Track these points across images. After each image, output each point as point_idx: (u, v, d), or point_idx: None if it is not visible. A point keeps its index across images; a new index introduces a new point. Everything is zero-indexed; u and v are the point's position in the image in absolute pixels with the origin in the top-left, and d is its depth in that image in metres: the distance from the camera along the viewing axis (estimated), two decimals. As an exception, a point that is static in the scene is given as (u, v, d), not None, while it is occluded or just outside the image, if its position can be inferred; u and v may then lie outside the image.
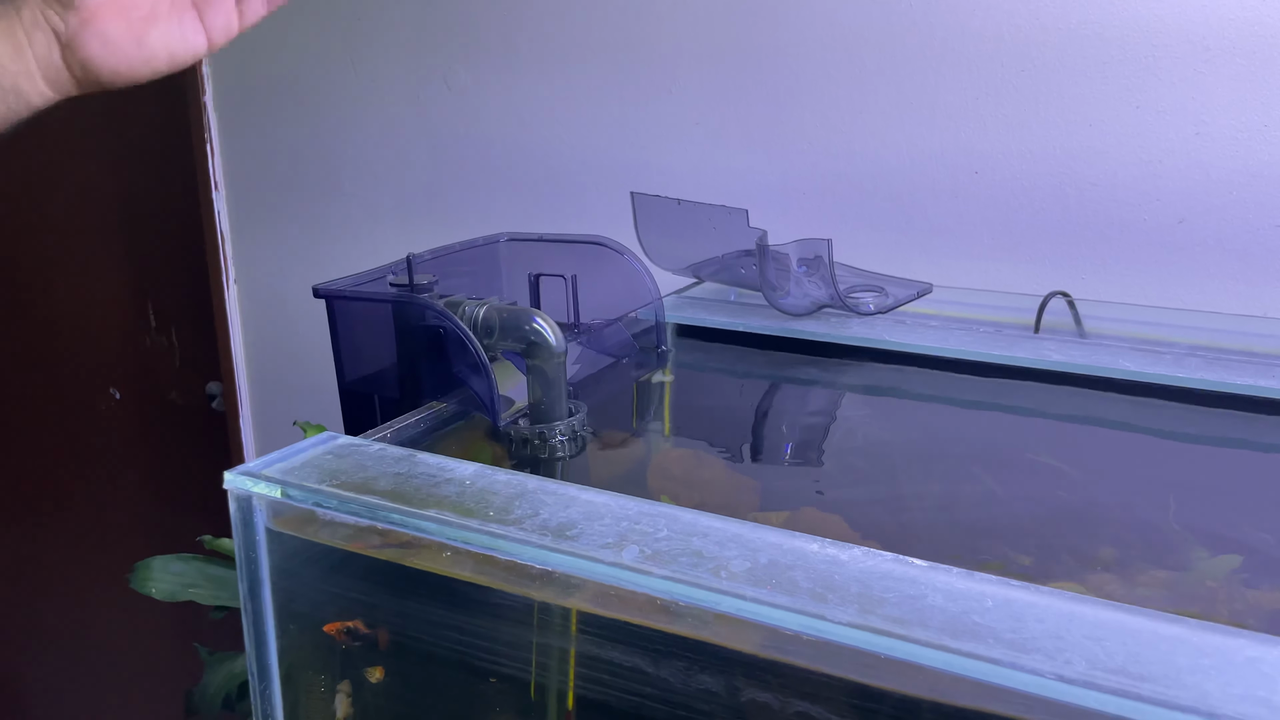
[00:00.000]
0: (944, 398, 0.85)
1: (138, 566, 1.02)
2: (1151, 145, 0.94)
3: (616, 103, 1.18)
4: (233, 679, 1.03)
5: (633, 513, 0.50)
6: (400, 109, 1.33)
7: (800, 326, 0.90)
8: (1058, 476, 0.72)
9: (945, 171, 1.03)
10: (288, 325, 1.51)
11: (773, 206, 1.12)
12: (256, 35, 1.39)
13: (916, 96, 1.03)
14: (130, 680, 1.95)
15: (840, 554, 0.46)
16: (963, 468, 0.75)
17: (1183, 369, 0.76)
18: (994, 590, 0.43)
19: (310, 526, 0.55)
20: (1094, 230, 0.98)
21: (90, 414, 1.83)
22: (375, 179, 1.37)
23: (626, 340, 0.90)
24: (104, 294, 1.73)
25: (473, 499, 0.52)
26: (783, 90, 1.09)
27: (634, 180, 1.19)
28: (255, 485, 0.55)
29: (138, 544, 1.86)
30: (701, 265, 1.01)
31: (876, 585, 0.43)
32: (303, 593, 0.58)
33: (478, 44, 1.25)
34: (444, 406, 0.71)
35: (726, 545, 0.47)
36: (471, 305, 0.71)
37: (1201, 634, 0.39)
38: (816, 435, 0.85)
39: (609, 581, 0.45)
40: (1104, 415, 0.79)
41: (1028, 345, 0.82)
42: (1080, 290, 0.97)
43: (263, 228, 1.48)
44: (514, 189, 1.28)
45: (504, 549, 0.48)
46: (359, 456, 0.58)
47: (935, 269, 1.05)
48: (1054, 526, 0.66)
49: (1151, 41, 0.92)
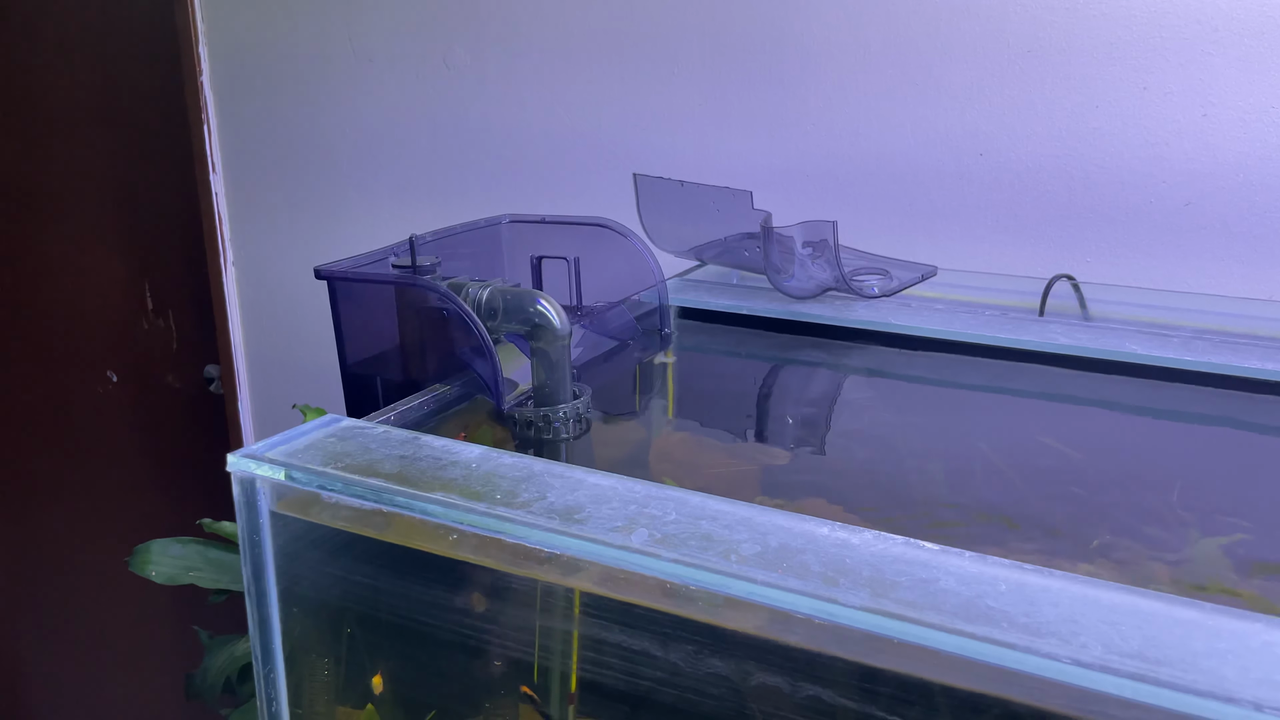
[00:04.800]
0: (949, 381, 0.85)
1: (137, 550, 1.02)
2: (1158, 127, 0.93)
3: (618, 83, 1.17)
4: (234, 662, 1.03)
5: (640, 496, 0.50)
6: (399, 89, 1.31)
7: (804, 310, 0.89)
8: (1063, 459, 0.71)
9: (950, 154, 1.02)
10: (286, 307, 1.50)
11: (776, 188, 1.11)
12: (254, 15, 1.39)
13: (921, 78, 1.02)
14: (129, 664, 1.95)
15: (851, 537, 0.45)
16: (968, 451, 0.75)
17: (1190, 352, 0.76)
18: (1007, 574, 0.42)
19: (314, 509, 0.54)
20: (1100, 213, 0.97)
21: (88, 397, 1.82)
22: (374, 160, 1.36)
23: (629, 323, 0.89)
24: (101, 277, 1.72)
25: (479, 482, 0.52)
26: (786, 72, 1.08)
27: (636, 161, 1.19)
28: (259, 468, 0.54)
29: (135, 527, 1.86)
30: (704, 248, 1.01)
31: (888, 569, 0.43)
32: (307, 575, 0.58)
33: (477, 23, 1.24)
34: (447, 389, 0.70)
35: (736, 528, 0.46)
36: (475, 287, 0.70)
37: (1217, 618, 0.39)
38: (820, 419, 0.84)
39: (618, 565, 0.45)
40: (1110, 398, 0.78)
41: (1034, 328, 0.81)
42: (1085, 273, 0.97)
43: (260, 209, 1.47)
44: (514, 170, 1.27)
45: (512, 532, 0.47)
46: (363, 439, 0.57)
47: (939, 251, 1.04)
48: (1060, 509, 0.65)
49: (1159, 23, 0.91)
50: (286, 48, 1.38)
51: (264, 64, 1.40)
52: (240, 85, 1.43)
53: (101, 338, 1.77)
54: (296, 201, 1.44)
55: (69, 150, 1.68)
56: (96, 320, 1.76)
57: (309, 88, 1.38)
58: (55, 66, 1.64)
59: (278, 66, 1.39)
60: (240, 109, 1.44)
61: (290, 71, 1.38)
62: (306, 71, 1.37)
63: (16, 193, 1.76)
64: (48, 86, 1.66)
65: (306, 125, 1.40)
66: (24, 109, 1.70)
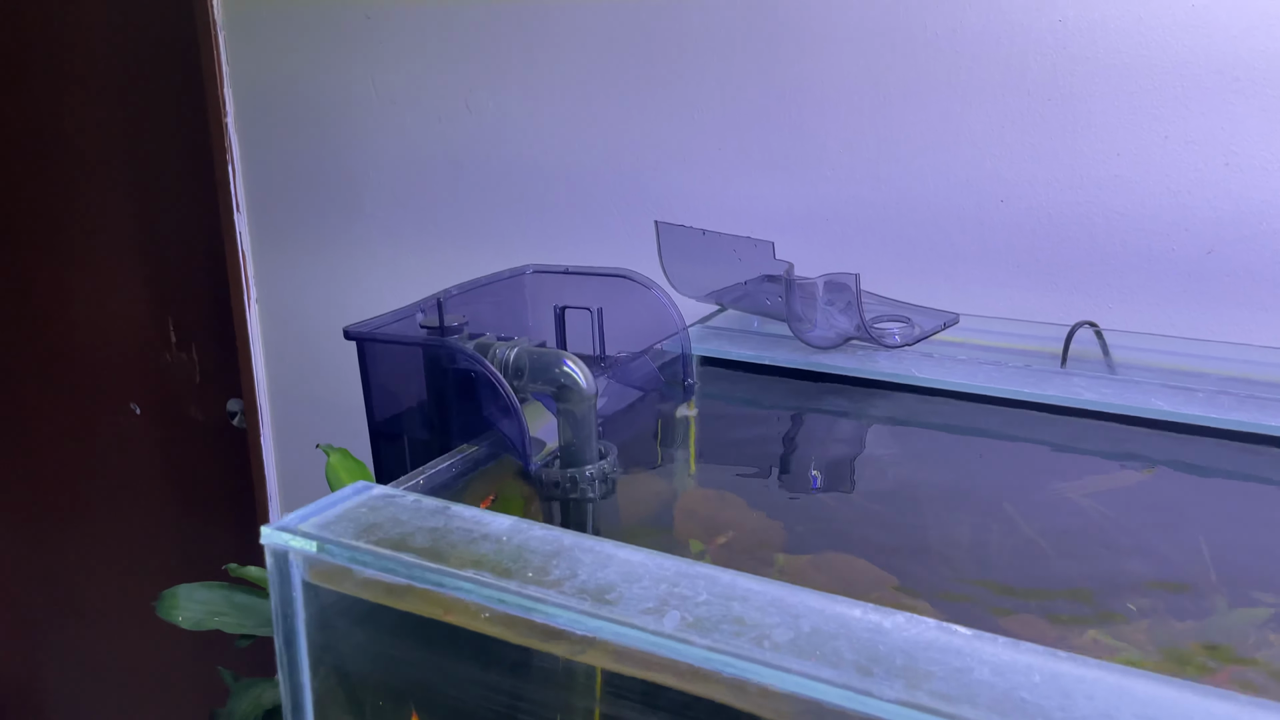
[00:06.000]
0: (972, 429, 0.84)
1: (164, 595, 1.03)
2: (1180, 175, 0.93)
3: (638, 126, 1.18)
4: (258, 707, 1.03)
5: (671, 574, 0.50)
6: (421, 131, 1.33)
7: (827, 360, 0.89)
8: (1088, 519, 0.71)
9: (971, 199, 1.02)
10: (309, 345, 1.51)
11: (795, 231, 1.11)
12: (278, 57, 1.40)
13: (942, 124, 1.02)
14: (150, 698, 1.96)
15: (884, 621, 0.45)
16: (992, 506, 0.75)
17: (1216, 408, 0.75)
18: (1041, 663, 0.42)
19: (347, 582, 0.55)
20: (1122, 260, 0.97)
21: (111, 427, 1.84)
22: (396, 200, 1.37)
23: (652, 373, 0.89)
24: (125, 311, 1.74)
25: (510, 557, 0.52)
26: (806, 116, 1.09)
27: (655, 203, 1.19)
28: (292, 540, 0.55)
29: (158, 557, 1.87)
30: (724, 292, 1.01)
31: (921, 656, 0.43)
32: (339, 645, 0.58)
33: (499, 67, 1.25)
34: (475, 449, 0.71)
35: (768, 610, 0.46)
36: (502, 348, 0.70)
37: (1256, 712, 0.39)
38: (842, 472, 0.85)
39: (650, 649, 0.45)
40: (1135, 450, 0.78)
41: (1058, 382, 0.81)
42: (1107, 320, 0.97)
43: (284, 248, 1.49)
44: (535, 211, 1.28)
45: (543, 612, 0.48)
46: (394, 509, 0.58)
47: (960, 296, 1.05)
48: (1086, 572, 0.65)
49: (1180, 72, 0.92)
50: (310, 89, 1.39)
51: (288, 105, 1.42)
52: (264, 125, 1.45)
53: (125, 369, 1.79)
54: (320, 241, 1.45)
55: (95, 187, 1.70)
56: (120, 351, 1.78)
57: (332, 128, 1.39)
58: (82, 106, 1.66)
59: (301, 107, 1.41)
60: (264, 149, 1.46)
61: (314, 112, 1.40)
62: (330, 112, 1.39)
63: (45, 227, 1.79)
64: (75, 126, 1.68)
65: (330, 165, 1.41)
66: (52, 148, 1.72)
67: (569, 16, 1.19)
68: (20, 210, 1.80)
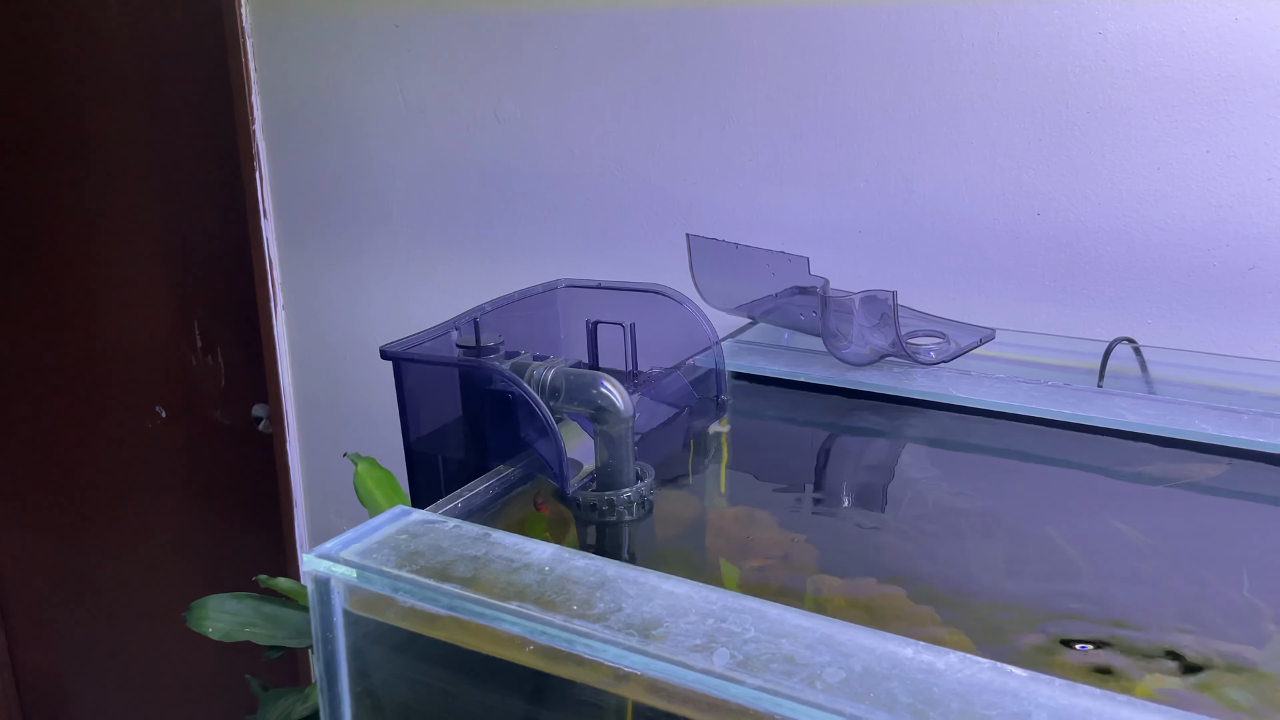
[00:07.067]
0: (1011, 450, 0.83)
1: (194, 605, 1.03)
2: (1222, 190, 0.92)
3: (668, 138, 1.18)
4: (287, 718, 1.03)
5: (718, 608, 0.49)
6: (450, 140, 1.32)
7: (862, 378, 0.89)
8: (1132, 547, 0.70)
9: (1007, 212, 1.01)
10: (335, 352, 1.51)
11: (828, 244, 1.10)
12: (307, 65, 1.40)
13: (977, 136, 1.01)
14: (176, 704, 1.97)
15: (936, 661, 0.45)
16: (1031, 532, 0.74)
17: (1261, 432, 0.74)
18: (1100, 707, 0.42)
19: (388, 611, 0.54)
20: (1161, 275, 0.96)
21: (138, 430, 1.84)
22: (424, 208, 1.37)
23: (685, 389, 0.89)
24: (152, 315, 1.75)
25: (553, 588, 0.52)
26: (839, 128, 1.08)
27: (686, 214, 1.19)
28: (334, 568, 0.54)
29: (182, 559, 1.88)
30: (754, 304, 1.00)
31: (977, 700, 0.42)
32: (379, 672, 0.58)
33: (528, 76, 1.25)
34: (511, 471, 0.70)
35: (818, 649, 0.46)
36: (539, 369, 0.70)
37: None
38: (876, 491, 0.84)
39: (699, 689, 0.45)
40: (1178, 475, 0.77)
41: (1099, 403, 0.80)
42: (1146, 336, 0.96)
43: (311, 255, 1.49)
44: (563, 221, 1.27)
45: (590, 648, 0.47)
46: (434, 536, 0.57)
47: (996, 310, 1.03)
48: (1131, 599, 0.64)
49: (1223, 86, 0.90)
50: (338, 97, 1.39)
51: (316, 113, 1.42)
52: (292, 133, 1.45)
53: (151, 373, 1.80)
54: (346, 248, 1.45)
55: (125, 193, 1.71)
56: (146, 356, 1.79)
57: (360, 137, 1.39)
58: (112, 114, 1.67)
59: (329, 115, 1.41)
60: (292, 156, 1.46)
61: (342, 120, 1.40)
62: (358, 121, 1.39)
63: (75, 233, 1.80)
64: (105, 133, 1.69)
65: (357, 173, 1.41)
66: (82, 155, 1.73)
67: (599, 26, 1.19)
68: (50, 216, 1.81)
